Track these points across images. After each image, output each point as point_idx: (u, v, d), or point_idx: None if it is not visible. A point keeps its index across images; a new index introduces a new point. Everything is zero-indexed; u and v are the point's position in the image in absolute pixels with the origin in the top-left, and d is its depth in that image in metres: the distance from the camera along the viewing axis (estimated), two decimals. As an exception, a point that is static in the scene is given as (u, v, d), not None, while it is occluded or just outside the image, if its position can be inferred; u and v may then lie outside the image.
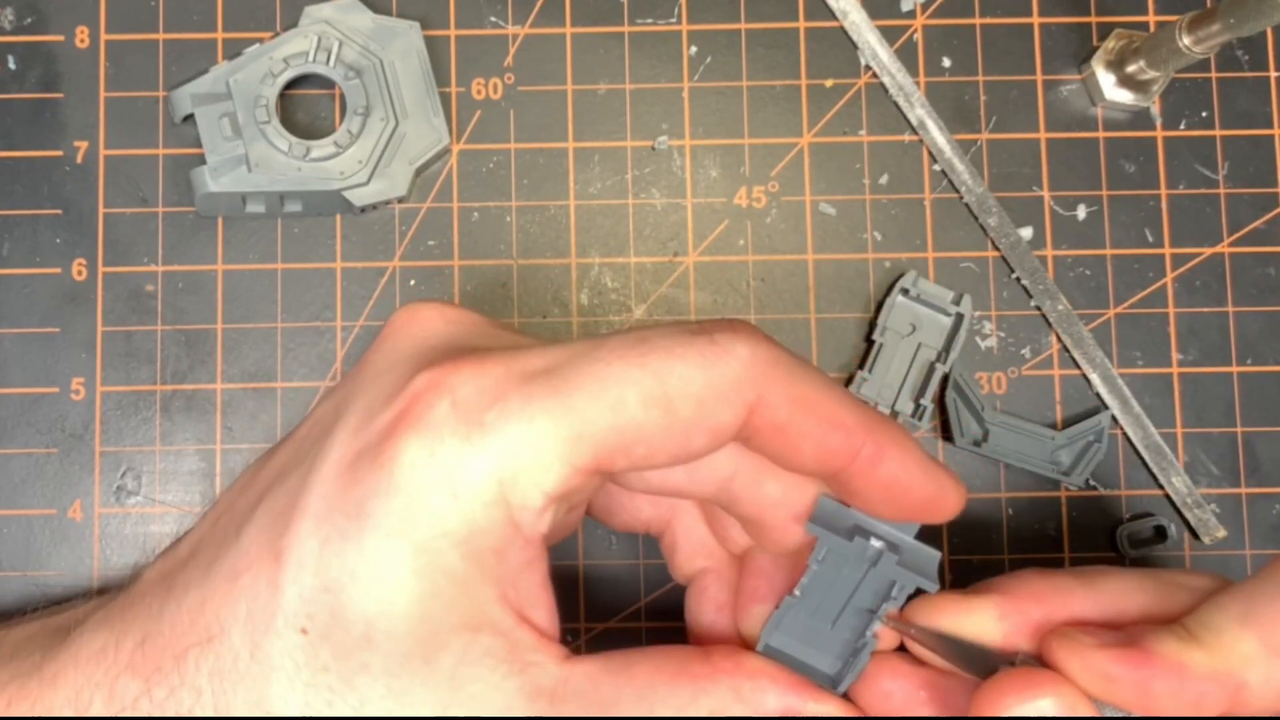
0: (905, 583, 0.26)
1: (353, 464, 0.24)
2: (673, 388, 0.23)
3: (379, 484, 0.23)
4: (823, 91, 0.41)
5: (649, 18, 0.41)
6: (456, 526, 0.23)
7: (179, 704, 0.24)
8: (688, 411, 0.23)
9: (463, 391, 0.23)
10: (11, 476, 0.39)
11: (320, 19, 0.39)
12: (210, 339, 0.39)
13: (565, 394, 0.23)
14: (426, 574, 0.23)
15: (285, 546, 0.24)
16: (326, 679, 0.23)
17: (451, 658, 0.23)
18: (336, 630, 0.23)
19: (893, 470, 0.25)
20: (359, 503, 0.23)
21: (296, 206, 0.39)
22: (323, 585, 0.23)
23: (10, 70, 0.40)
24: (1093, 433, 0.39)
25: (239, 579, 0.24)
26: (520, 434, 0.23)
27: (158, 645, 0.25)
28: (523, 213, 0.40)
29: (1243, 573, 0.39)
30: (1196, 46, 0.36)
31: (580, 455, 0.23)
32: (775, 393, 0.24)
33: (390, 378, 0.25)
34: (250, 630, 0.24)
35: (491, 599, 0.24)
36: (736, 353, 0.24)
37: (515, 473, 0.23)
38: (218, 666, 0.24)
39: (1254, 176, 0.40)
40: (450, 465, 0.23)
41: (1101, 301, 0.40)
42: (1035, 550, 0.39)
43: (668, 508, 0.30)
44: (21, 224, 0.39)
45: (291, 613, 0.23)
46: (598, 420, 0.23)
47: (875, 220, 0.40)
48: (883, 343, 0.39)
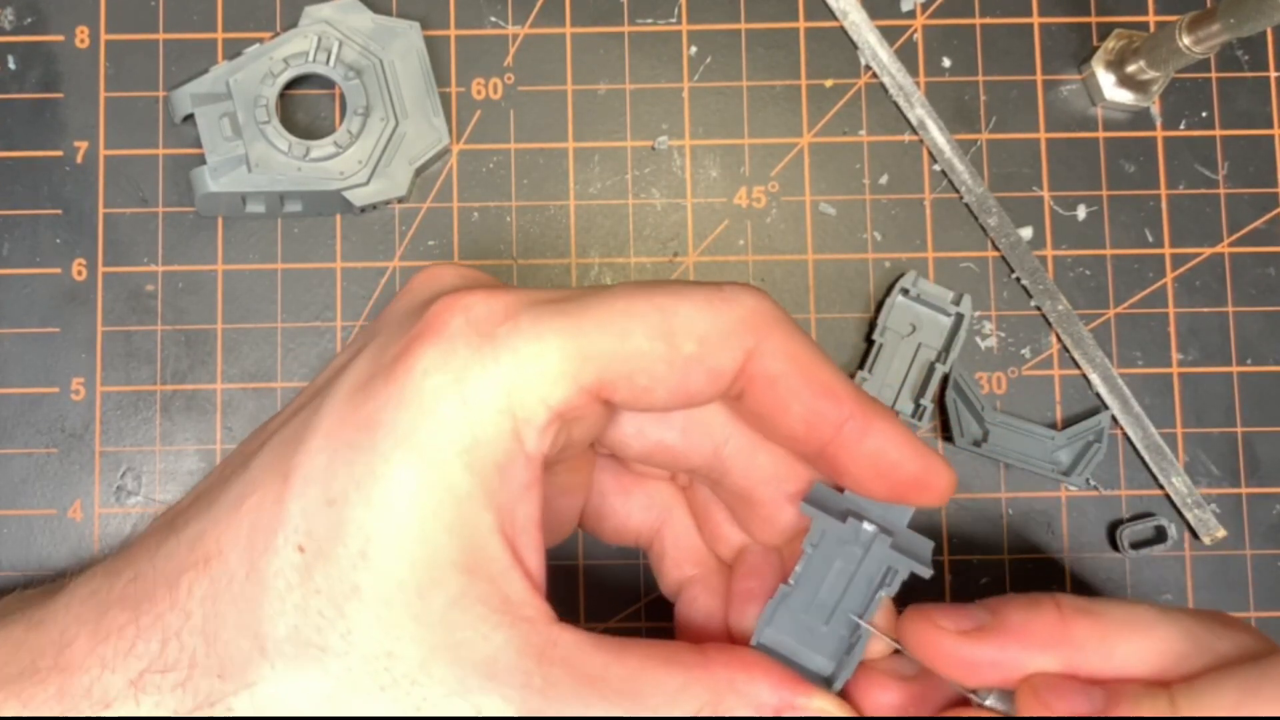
0: (899, 567, 0.26)
1: (366, 383, 0.24)
2: (677, 324, 0.24)
3: (391, 396, 0.24)
4: (823, 91, 0.41)
5: (649, 18, 0.41)
6: (463, 434, 0.23)
7: (165, 628, 0.24)
8: (689, 348, 0.24)
9: (477, 309, 0.24)
10: (11, 476, 0.39)
11: (320, 19, 0.39)
12: (210, 339, 0.39)
13: (575, 317, 0.24)
14: (429, 488, 0.23)
15: (294, 465, 0.24)
16: (317, 602, 0.23)
17: (444, 597, 0.23)
18: (334, 547, 0.23)
19: (880, 444, 0.25)
20: (370, 415, 0.24)
21: (296, 206, 0.39)
22: (327, 499, 0.23)
23: (10, 70, 0.40)
24: (1093, 433, 0.39)
25: (244, 502, 0.24)
26: (530, 348, 0.23)
27: (151, 577, 0.25)
28: (523, 213, 0.40)
29: (1243, 573, 0.39)
30: (1196, 46, 0.36)
31: (586, 374, 0.24)
32: (772, 344, 0.25)
33: (407, 318, 0.25)
34: (249, 550, 0.24)
35: (490, 526, 0.24)
36: (741, 300, 0.25)
37: (523, 384, 0.23)
38: (211, 589, 0.24)
39: (1254, 176, 0.40)
40: (461, 373, 0.23)
41: (1101, 301, 0.40)
42: (1035, 550, 0.39)
43: (657, 514, 0.30)
44: (21, 224, 0.39)
45: (292, 529, 0.23)
46: (604, 344, 0.24)
47: (875, 220, 0.40)
48: (883, 343, 0.39)
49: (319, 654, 0.23)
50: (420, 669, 0.23)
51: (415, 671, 0.23)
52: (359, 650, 0.23)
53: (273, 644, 0.23)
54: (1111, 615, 0.27)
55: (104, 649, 0.25)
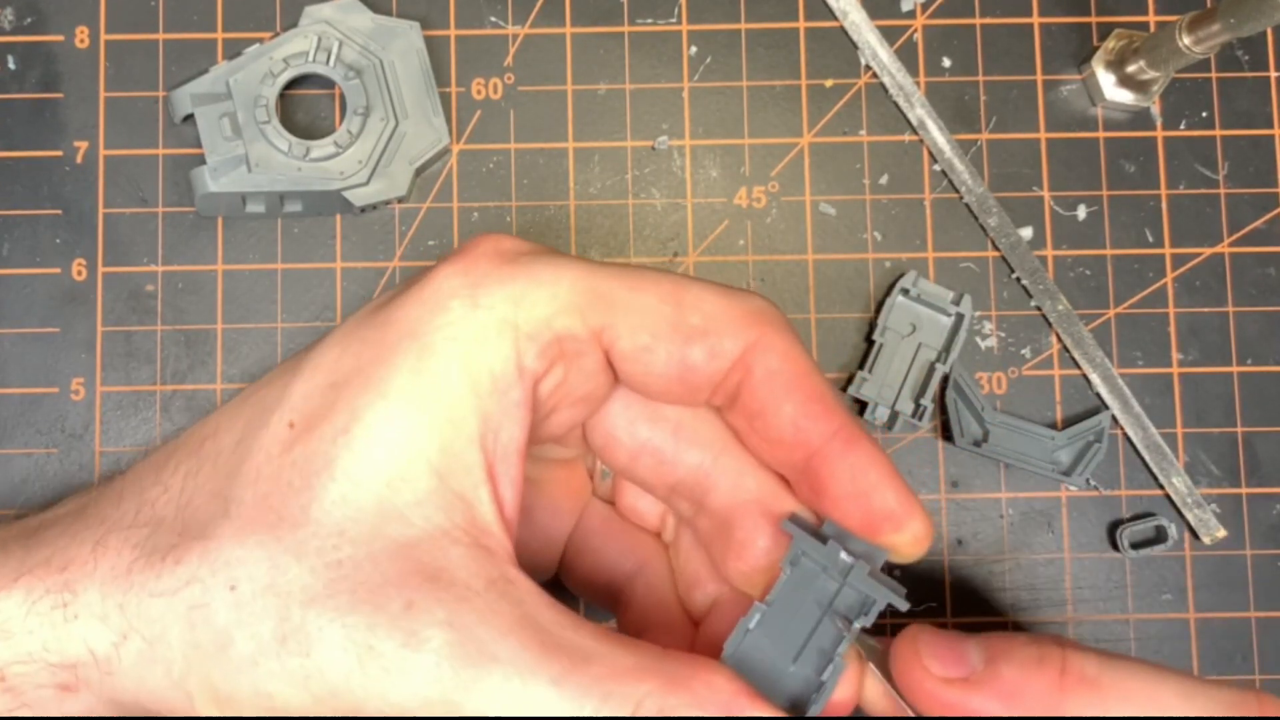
0: (877, 596, 0.26)
1: (390, 297, 0.25)
2: (688, 297, 0.25)
3: (409, 296, 0.25)
4: (823, 91, 0.41)
5: (649, 18, 0.41)
6: (466, 335, 0.24)
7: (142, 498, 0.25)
8: (697, 320, 0.25)
9: (507, 243, 0.26)
10: (11, 476, 0.39)
11: (320, 19, 0.39)
12: (210, 339, 0.39)
13: (593, 268, 0.25)
14: (423, 380, 0.24)
15: (308, 357, 0.25)
16: (289, 473, 0.23)
17: (411, 494, 0.23)
18: (321, 423, 0.24)
19: (861, 463, 0.25)
20: (387, 314, 0.25)
21: (296, 206, 0.39)
22: (330, 383, 0.24)
23: (10, 70, 0.40)
24: (1093, 433, 0.39)
25: (253, 395, 0.25)
26: (545, 274, 0.25)
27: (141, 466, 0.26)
28: (523, 213, 0.40)
29: (1243, 573, 0.39)
30: (1196, 46, 0.36)
31: (593, 311, 0.25)
32: (774, 340, 0.25)
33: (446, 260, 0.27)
34: (245, 428, 0.24)
35: (472, 434, 0.24)
36: (749, 298, 0.26)
37: (531, 302, 0.24)
38: (196, 465, 0.25)
39: (1254, 176, 0.40)
40: (476, 281, 0.24)
41: (1101, 301, 0.40)
42: (1035, 550, 0.39)
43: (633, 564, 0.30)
44: (21, 224, 0.39)
45: (289, 407, 0.24)
46: (616, 290, 0.25)
47: (875, 220, 0.40)
48: (883, 343, 0.39)
49: (275, 520, 0.23)
50: (367, 557, 0.23)
51: (361, 558, 0.23)
52: (314, 524, 0.23)
53: (235, 506, 0.24)
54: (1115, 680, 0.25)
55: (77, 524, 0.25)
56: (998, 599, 0.39)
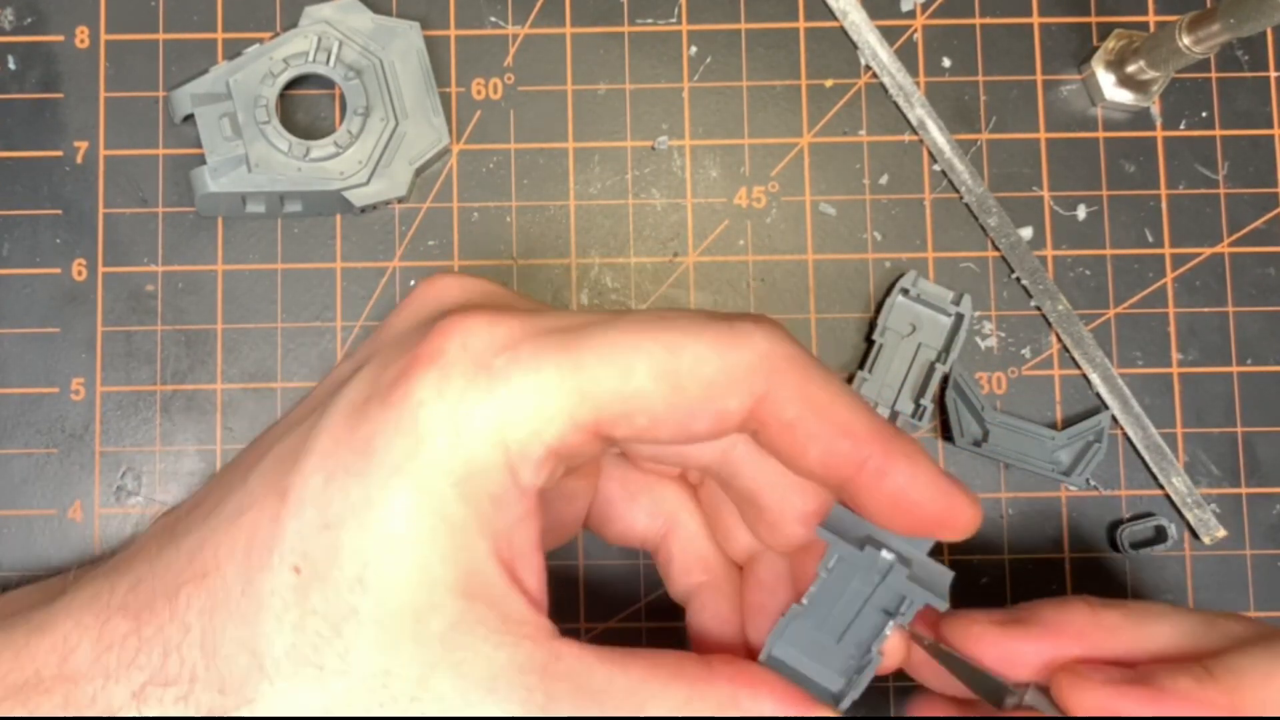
0: (915, 598, 0.26)
1: (363, 405, 0.24)
2: (683, 365, 0.23)
3: (386, 422, 0.23)
4: (823, 91, 0.41)
5: (649, 18, 0.41)
6: (456, 465, 0.23)
7: (166, 640, 0.24)
8: (695, 391, 0.23)
9: (475, 337, 0.24)
10: (11, 476, 0.39)
11: (320, 19, 0.39)
12: (210, 339, 0.39)
13: (575, 352, 0.23)
14: (425, 515, 0.23)
15: (290, 483, 0.24)
16: (315, 622, 0.23)
17: (443, 621, 0.23)
18: (331, 570, 0.23)
19: (900, 483, 0.24)
20: (366, 440, 0.23)
21: (296, 206, 0.39)
22: (323, 522, 0.23)
23: (10, 70, 0.40)
24: (1093, 433, 0.39)
25: (242, 517, 0.24)
26: (526, 382, 0.23)
27: (151, 586, 0.25)
28: (523, 213, 0.40)
29: (1243, 573, 0.39)
30: (1196, 46, 0.36)
31: (583, 413, 0.23)
32: (786, 388, 0.24)
33: (409, 336, 0.25)
34: (246, 566, 0.24)
35: (485, 553, 0.24)
36: (753, 342, 0.24)
37: (518, 419, 0.23)
38: (209, 603, 0.24)
39: (1254, 176, 0.40)
40: (455, 404, 0.23)
41: (1101, 301, 0.40)
42: (1035, 550, 0.39)
43: (663, 520, 0.30)
44: (21, 224, 0.39)
45: (288, 549, 0.23)
46: (604, 382, 0.23)
47: (875, 220, 0.40)
48: (883, 343, 0.39)
49: (316, 672, 0.23)
50: (419, 685, 0.23)
51: (414, 688, 0.23)
52: (357, 669, 0.23)
53: (271, 661, 0.23)
54: (1134, 607, 0.27)
55: (107, 659, 0.25)
56: (998, 599, 0.39)
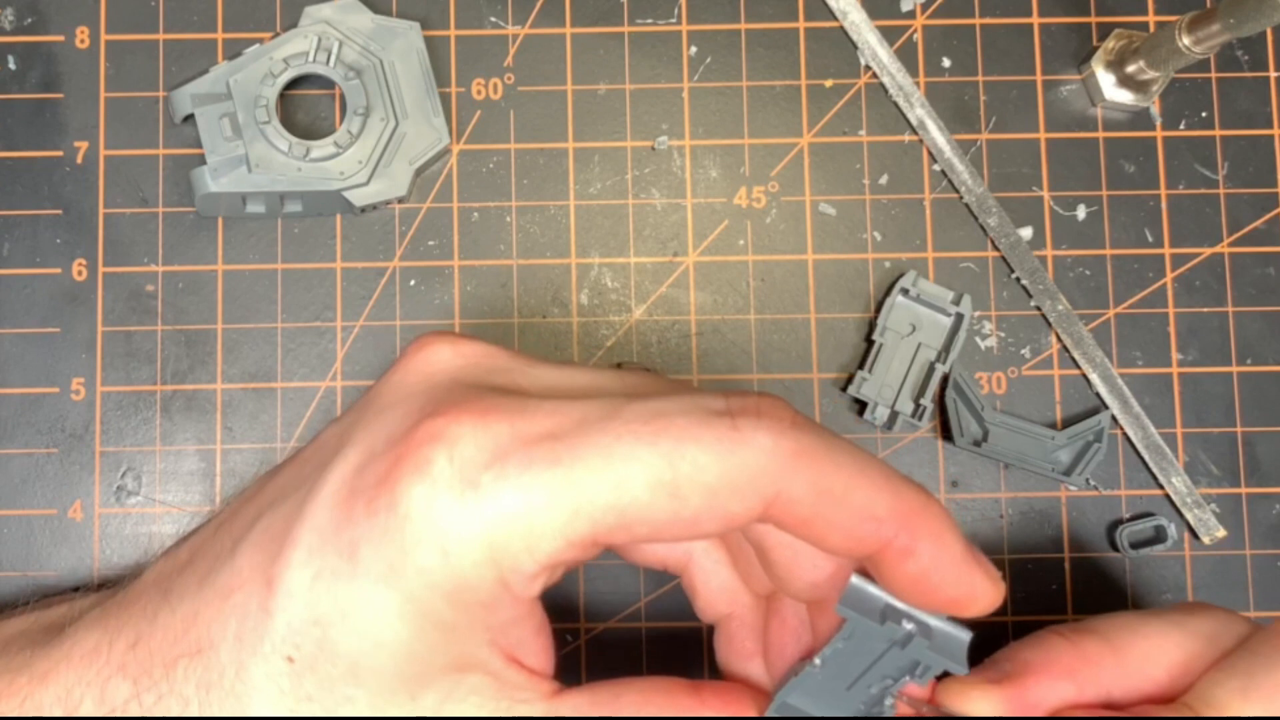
0: (933, 665, 0.25)
1: (348, 501, 0.24)
2: (683, 474, 0.22)
3: (371, 529, 0.23)
4: (823, 91, 0.41)
5: (649, 18, 0.41)
6: (444, 580, 0.23)
7: (166, 710, 0.25)
8: (697, 501, 0.22)
9: (462, 447, 0.23)
10: (11, 476, 0.39)
11: (320, 19, 0.39)
12: (210, 339, 0.39)
13: (567, 465, 0.22)
14: (414, 619, 0.23)
15: (277, 574, 0.24)
16: (310, 707, 0.23)
17: (437, 694, 0.23)
18: (322, 663, 0.23)
19: (923, 565, 0.24)
20: (351, 544, 0.23)
21: (296, 206, 0.39)
22: (312, 619, 0.23)
23: (10, 70, 0.40)
24: (1092, 433, 0.39)
25: (231, 596, 0.24)
26: (515, 501, 0.22)
27: (149, 649, 0.25)
28: (523, 213, 0.40)
29: (1243, 573, 0.39)
30: (1196, 47, 0.36)
31: (577, 530, 0.23)
32: (798, 486, 0.23)
33: (395, 415, 0.25)
34: (238, 650, 0.24)
35: (481, 643, 0.24)
36: (757, 442, 0.22)
37: (507, 539, 0.23)
38: (205, 679, 0.24)
39: (1254, 176, 0.40)
40: (442, 523, 0.23)
41: (1101, 301, 0.40)
42: (1035, 550, 0.39)
43: (684, 550, 0.29)
44: (21, 224, 0.39)
45: (279, 639, 0.24)
46: (598, 498, 0.22)
47: (875, 220, 0.40)
48: (883, 343, 0.39)
49: None
50: None
51: None
52: None
53: None
54: (1109, 631, 0.28)
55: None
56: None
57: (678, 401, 0.23)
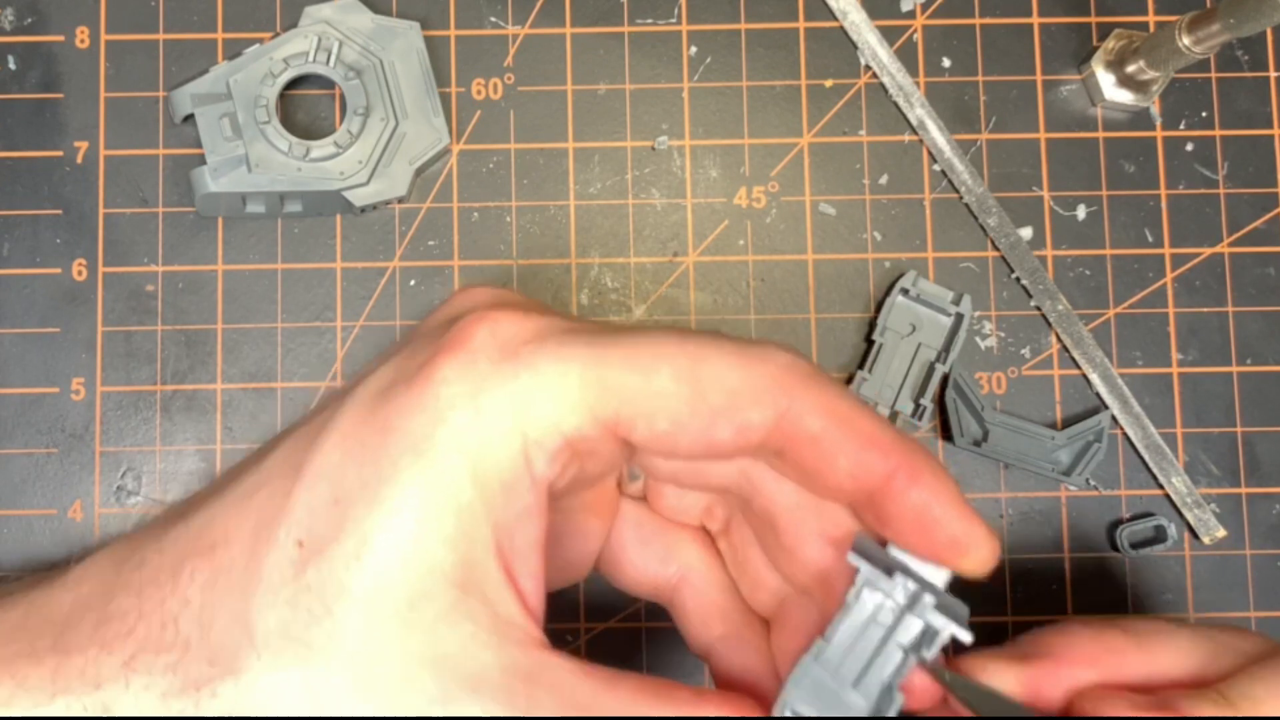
0: (941, 628, 0.25)
1: (388, 388, 0.24)
2: (706, 373, 0.24)
3: (409, 401, 0.24)
4: (823, 91, 0.41)
5: (649, 18, 0.41)
6: (472, 446, 0.23)
7: (165, 613, 0.24)
8: (718, 399, 0.24)
9: (504, 325, 0.24)
10: (11, 476, 0.39)
11: (320, 19, 0.39)
12: (210, 339, 0.39)
13: (601, 348, 0.24)
14: (433, 495, 0.23)
15: (307, 460, 0.24)
16: (308, 599, 0.23)
17: (434, 610, 0.23)
18: (330, 545, 0.23)
19: (926, 497, 0.24)
20: (386, 419, 0.24)
21: (296, 206, 0.39)
22: (334, 497, 0.23)
23: (10, 70, 0.40)
24: (1092, 433, 0.39)
25: (255, 494, 0.24)
26: (550, 370, 0.23)
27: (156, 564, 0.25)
28: (523, 213, 0.40)
29: (1243, 573, 0.39)
30: (1196, 47, 0.36)
31: (604, 406, 0.23)
32: (809, 402, 0.24)
33: (438, 330, 0.25)
34: (253, 540, 0.24)
35: (487, 543, 0.24)
36: (775, 358, 0.24)
37: (538, 405, 0.23)
38: (212, 577, 0.24)
39: (1254, 176, 0.40)
40: (477, 385, 0.23)
41: (1101, 301, 0.40)
42: (1035, 550, 0.39)
43: (677, 569, 0.29)
44: (21, 224, 0.39)
45: (294, 522, 0.24)
46: (628, 379, 0.23)
47: (875, 220, 0.40)
48: (883, 343, 0.39)
49: (304, 650, 0.23)
50: (403, 678, 0.23)
51: (397, 679, 0.23)
52: (343, 651, 0.23)
53: (261, 636, 0.23)
54: (1136, 627, 0.27)
55: (105, 631, 0.25)
56: (998, 599, 0.39)
57: (700, 333, 0.25)
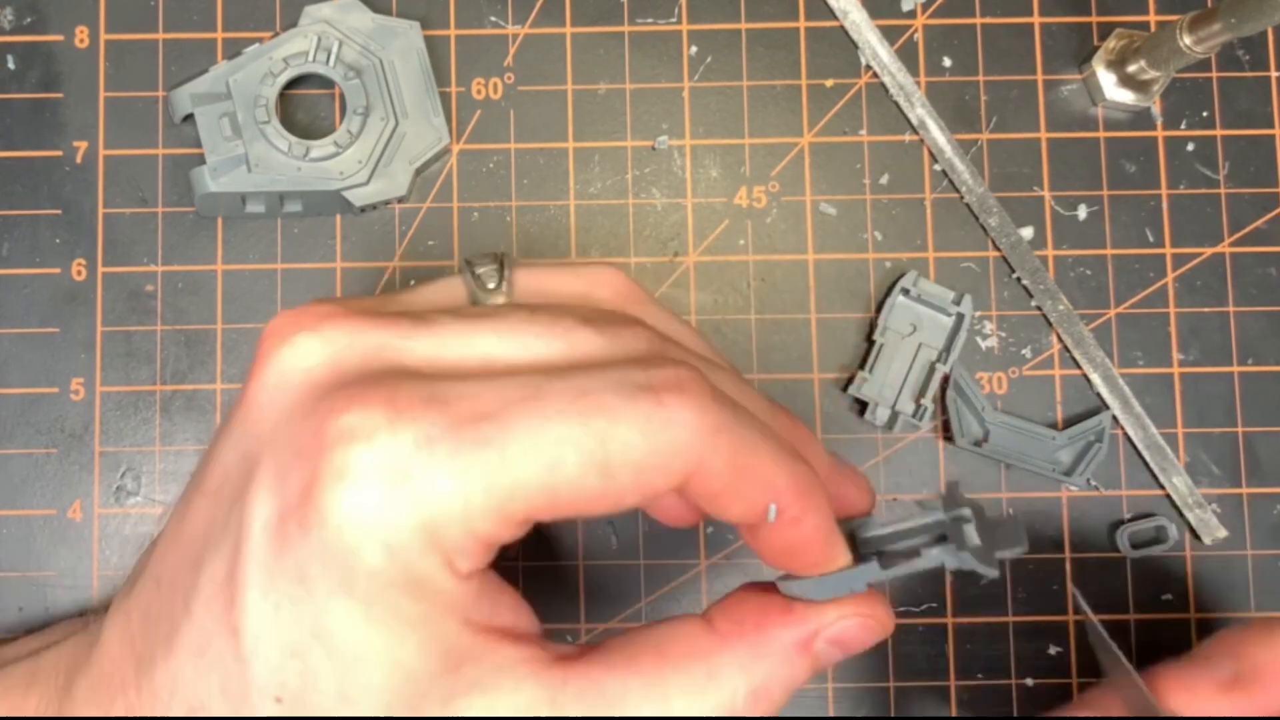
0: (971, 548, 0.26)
1: (280, 527, 0.23)
2: (613, 453, 0.22)
3: (312, 548, 0.22)
4: (823, 91, 0.41)
5: (649, 18, 0.41)
6: (397, 576, 0.22)
7: None
8: (625, 478, 0.23)
9: (381, 441, 0.22)
10: (11, 476, 0.39)
11: (320, 19, 0.39)
12: (210, 339, 0.39)
13: (499, 446, 0.22)
14: (384, 623, 0.23)
15: (238, 621, 0.23)
16: None
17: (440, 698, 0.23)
18: (310, 694, 0.23)
19: (804, 534, 0.25)
20: (298, 569, 0.23)
21: (296, 206, 0.39)
22: (288, 652, 0.23)
23: (10, 70, 0.40)
24: (1093, 433, 0.39)
25: (205, 655, 0.24)
26: (449, 487, 0.22)
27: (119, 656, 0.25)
28: (523, 213, 0.40)
29: (1244, 573, 0.39)
30: (1197, 46, 0.36)
31: (512, 509, 0.23)
32: (716, 461, 0.23)
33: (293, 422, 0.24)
34: (227, 703, 0.24)
35: (456, 629, 0.23)
36: (682, 420, 0.23)
37: (446, 525, 0.22)
38: None
39: (1254, 176, 0.40)
40: (378, 520, 0.22)
41: (1102, 301, 0.40)
42: (1035, 550, 0.39)
43: None
44: (21, 224, 0.39)
45: (263, 685, 0.23)
46: (534, 478, 0.22)
47: (876, 220, 0.40)
48: (883, 343, 0.39)
49: None
50: None
51: None
52: None
53: None
54: None
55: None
56: (998, 599, 0.39)
57: (600, 377, 0.23)
